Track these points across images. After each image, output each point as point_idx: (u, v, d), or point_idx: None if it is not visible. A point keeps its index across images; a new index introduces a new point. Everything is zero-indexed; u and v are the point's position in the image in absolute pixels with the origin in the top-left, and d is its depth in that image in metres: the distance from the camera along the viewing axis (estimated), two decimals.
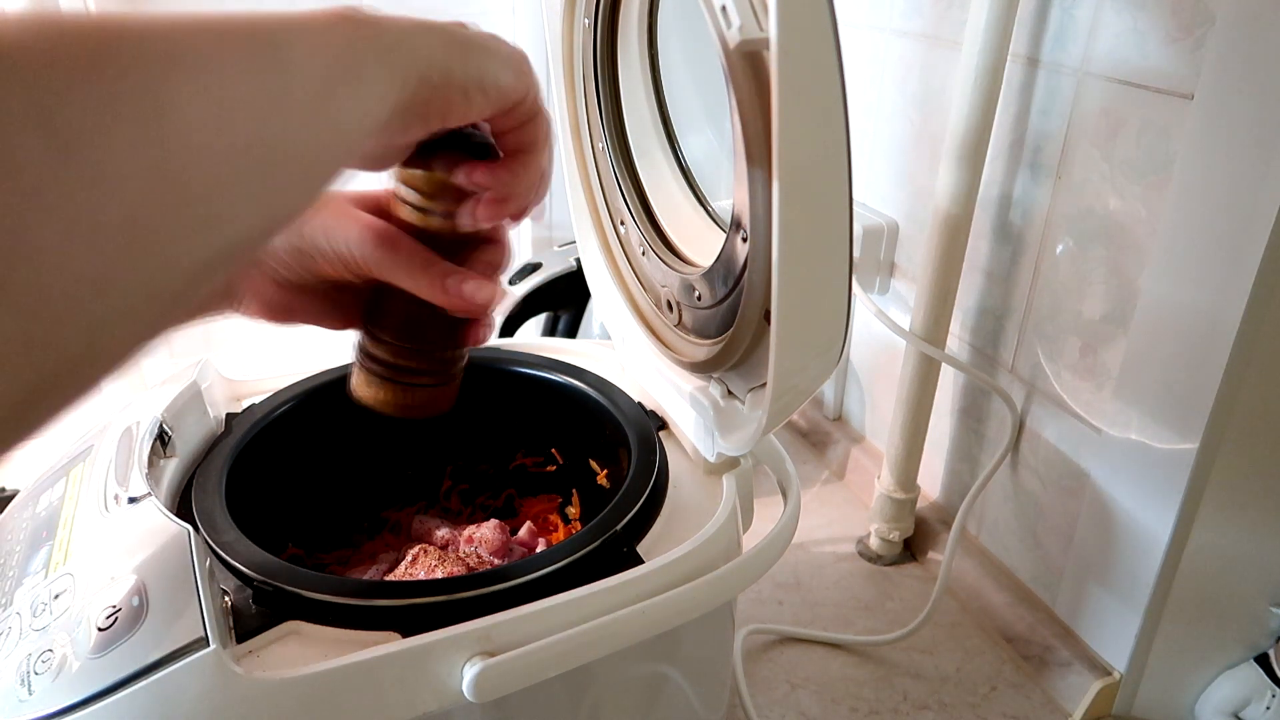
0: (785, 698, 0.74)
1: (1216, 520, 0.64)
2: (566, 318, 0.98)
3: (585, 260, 0.67)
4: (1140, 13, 0.61)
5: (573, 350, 0.68)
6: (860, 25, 0.91)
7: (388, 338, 0.43)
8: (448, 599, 0.42)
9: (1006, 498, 0.83)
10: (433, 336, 0.43)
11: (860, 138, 0.94)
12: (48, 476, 0.53)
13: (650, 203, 0.60)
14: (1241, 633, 0.70)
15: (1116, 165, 0.65)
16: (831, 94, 0.35)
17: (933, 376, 0.82)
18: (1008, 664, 0.78)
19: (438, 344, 0.44)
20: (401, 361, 0.43)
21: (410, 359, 0.43)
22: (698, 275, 0.52)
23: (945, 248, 0.76)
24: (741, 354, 0.49)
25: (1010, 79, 0.72)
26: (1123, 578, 0.69)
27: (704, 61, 0.42)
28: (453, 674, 0.40)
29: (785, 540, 0.51)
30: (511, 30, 1.06)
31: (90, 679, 0.37)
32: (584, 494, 0.65)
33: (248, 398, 0.60)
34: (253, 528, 0.47)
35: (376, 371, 0.43)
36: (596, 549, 0.46)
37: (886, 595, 0.86)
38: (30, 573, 0.44)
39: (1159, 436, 0.64)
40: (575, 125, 0.63)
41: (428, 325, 0.43)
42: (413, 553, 0.55)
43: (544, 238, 1.17)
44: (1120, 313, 0.66)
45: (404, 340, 0.43)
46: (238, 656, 0.39)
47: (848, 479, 1.03)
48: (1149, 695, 0.72)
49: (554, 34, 0.60)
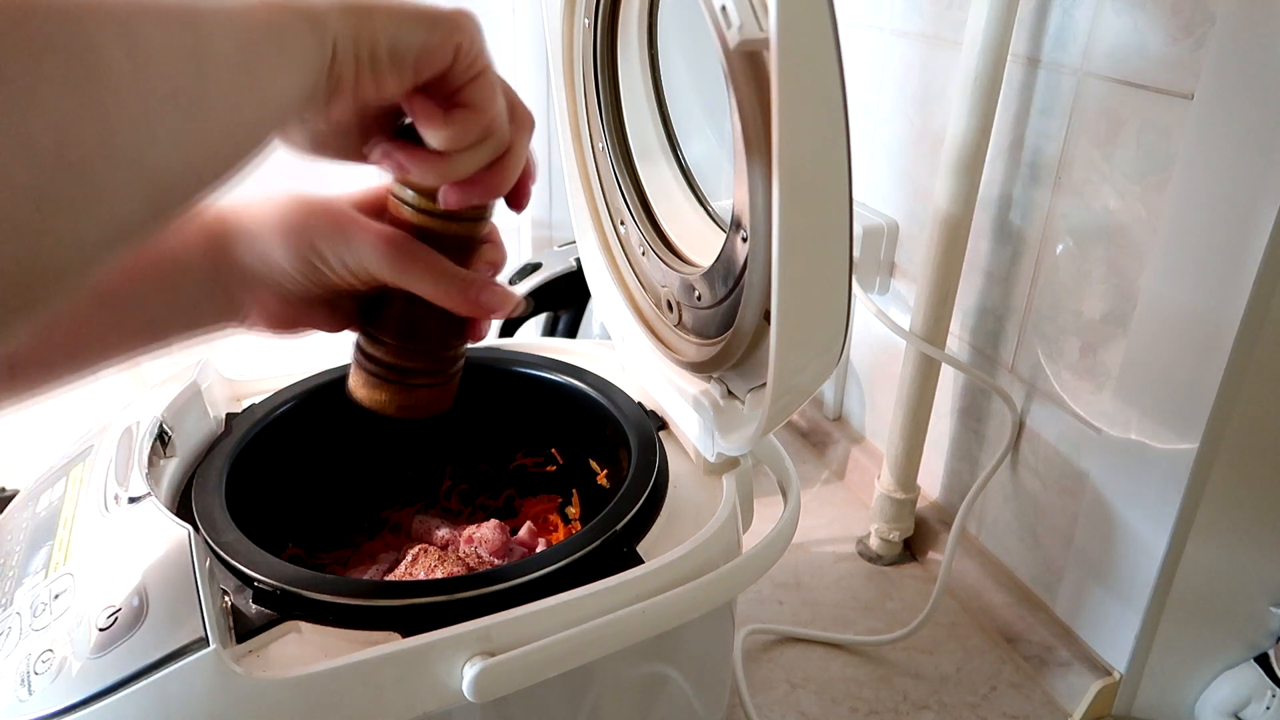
0: (785, 698, 0.74)
1: (1216, 520, 0.64)
2: (566, 318, 0.99)
3: (585, 260, 0.67)
4: (1140, 13, 0.61)
5: (573, 350, 0.68)
6: (860, 25, 0.91)
7: (387, 338, 0.43)
8: (448, 599, 0.42)
9: (1006, 498, 0.83)
10: (433, 336, 0.43)
11: (860, 138, 0.94)
12: (48, 476, 0.53)
13: (650, 203, 0.60)
14: (1241, 633, 0.70)
15: (1116, 165, 0.65)
16: (831, 94, 0.35)
17: (933, 376, 0.82)
18: (1008, 664, 0.78)
19: (437, 344, 0.43)
20: (401, 362, 0.43)
21: (410, 359, 0.43)
22: (698, 275, 0.52)
23: (945, 248, 0.76)
24: (741, 354, 0.49)
25: (1010, 79, 0.72)
26: (1122, 578, 0.69)
27: (704, 61, 0.42)
28: (453, 674, 0.40)
29: (785, 540, 0.51)
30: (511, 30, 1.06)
31: (90, 679, 0.37)
32: (584, 494, 0.65)
33: (248, 398, 0.60)
34: (253, 528, 0.47)
35: (375, 372, 0.43)
36: (596, 549, 0.46)
37: (886, 595, 0.86)
38: (30, 573, 0.44)
39: (1159, 436, 0.64)
40: (575, 125, 0.63)
41: (428, 325, 0.43)
42: (413, 553, 0.55)
43: (544, 237, 1.17)
44: (1120, 313, 0.66)
45: (404, 341, 0.43)
46: (238, 656, 0.39)
47: (848, 479, 1.03)
48: (1149, 695, 0.72)
49: (554, 34, 0.60)
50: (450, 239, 0.40)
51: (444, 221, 0.40)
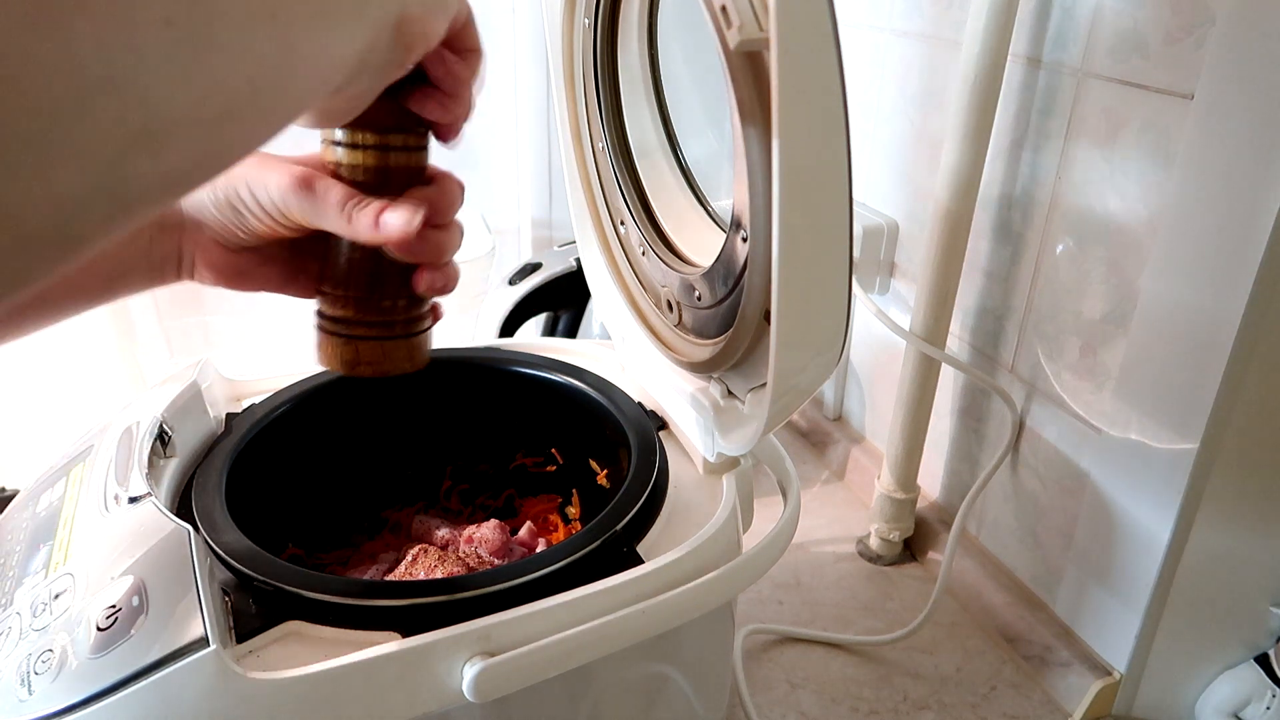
0: (785, 698, 0.74)
1: (1216, 520, 0.64)
2: (566, 318, 0.99)
3: (585, 260, 0.67)
4: (1140, 13, 0.61)
5: (573, 350, 0.68)
6: (860, 25, 0.91)
7: (326, 288, 0.41)
8: (448, 599, 0.42)
9: (1006, 498, 0.83)
10: (372, 284, 0.41)
11: (860, 138, 0.94)
12: (48, 476, 0.53)
13: (650, 203, 0.60)
14: (1241, 633, 0.70)
15: (1116, 165, 0.65)
16: (831, 94, 0.35)
17: (933, 376, 0.82)
18: (1008, 664, 0.78)
19: (378, 292, 0.41)
20: (340, 312, 0.41)
21: (349, 308, 0.41)
22: (698, 275, 0.52)
23: (945, 248, 0.76)
24: (741, 354, 0.49)
25: (1010, 79, 0.72)
26: (1123, 578, 0.69)
27: (704, 61, 0.42)
28: (453, 674, 0.40)
29: (785, 540, 0.51)
30: (511, 30, 1.06)
31: (90, 679, 0.37)
32: (584, 494, 0.65)
33: (248, 398, 0.60)
34: (253, 528, 0.47)
35: (322, 327, 0.42)
36: (596, 549, 0.46)
37: (886, 595, 0.86)
38: (30, 573, 0.44)
39: (1159, 436, 0.64)
40: (575, 125, 0.63)
41: (366, 272, 0.41)
42: (413, 553, 0.55)
43: (544, 237, 1.17)
44: (1120, 313, 0.66)
45: (341, 289, 0.41)
46: (238, 656, 0.39)
47: (848, 479, 1.03)
48: (1149, 695, 0.72)
49: (554, 34, 0.60)
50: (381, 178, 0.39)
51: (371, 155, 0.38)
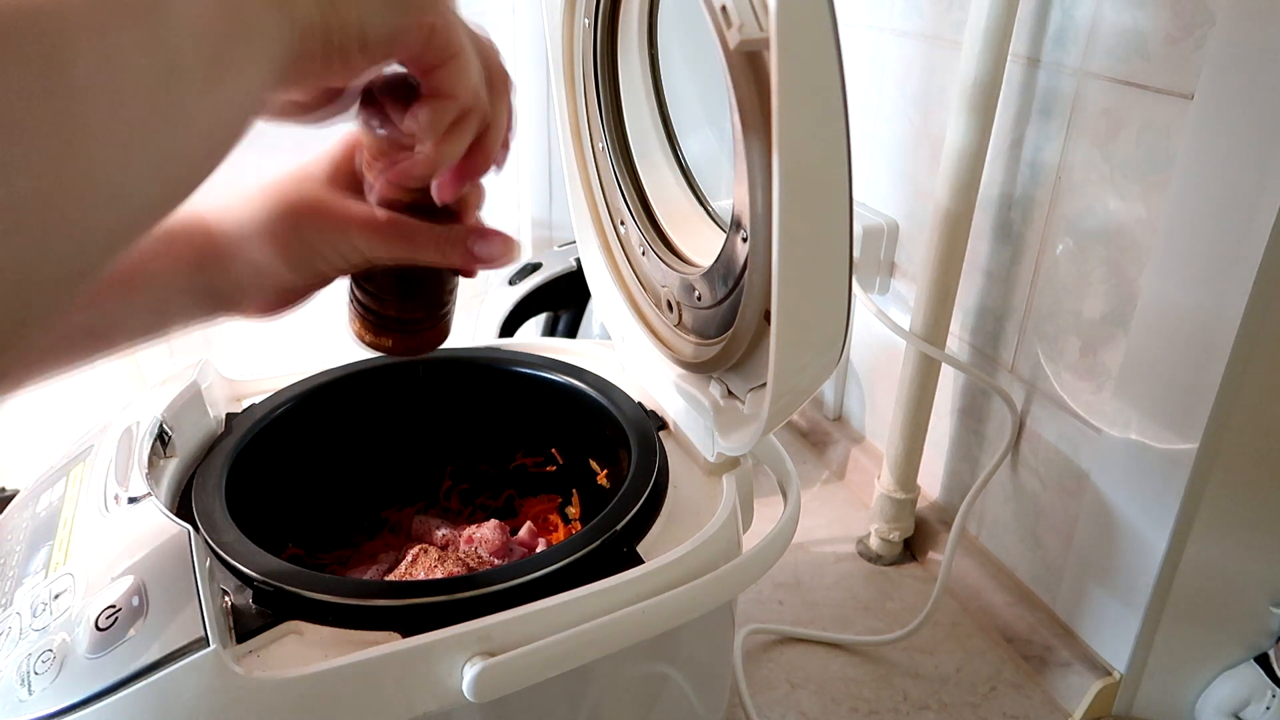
0: (785, 698, 0.74)
1: (1216, 520, 0.64)
2: (566, 318, 0.99)
3: (585, 260, 0.67)
4: (1140, 13, 0.61)
5: (573, 350, 0.68)
6: (860, 25, 0.91)
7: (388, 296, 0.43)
8: (448, 599, 0.42)
9: (1006, 498, 0.83)
10: (430, 288, 0.43)
11: (860, 138, 0.94)
12: (48, 476, 0.53)
13: (650, 203, 0.60)
14: (1241, 633, 0.70)
15: (1116, 165, 0.65)
16: (831, 94, 0.35)
17: (933, 376, 0.82)
18: (1008, 664, 0.78)
19: (435, 293, 0.44)
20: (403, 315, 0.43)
21: (412, 310, 0.43)
22: (698, 275, 0.52)
23: (945, 248, 0.76)
24: (741, 354, 0.49)
25: (1010, 79, 0.72)
26: (1123, 578, 0.69)
27: (704, 61, 0.42)
28: (453, 674, 0.40)
29: (785, 540, 0.51)
30: (511, 30, 1.06)
31: (90, 679, 0.37)
32: (584, 494, 0.65)
33: (248, 398, 0.60)
34: (253, 528, 0.47)
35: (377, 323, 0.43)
36: (596, 549, 0.46)
37: (886, 595, 0.86)
38: (30, 573, 0.44)
39: (1159, 436, 0.64)
40: (575, 125, 0.63)
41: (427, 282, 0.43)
42: (413, 553, 0.55)
43: (544, 238, 1.17)
44: (1120, 313, 0.66)
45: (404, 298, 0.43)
46: (238, 656, 0.39)
47: (848, 479, 1.03)
48: (1149, 695, 0.72)
49: (554, 34, 0.60)
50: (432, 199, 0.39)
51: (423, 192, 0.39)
